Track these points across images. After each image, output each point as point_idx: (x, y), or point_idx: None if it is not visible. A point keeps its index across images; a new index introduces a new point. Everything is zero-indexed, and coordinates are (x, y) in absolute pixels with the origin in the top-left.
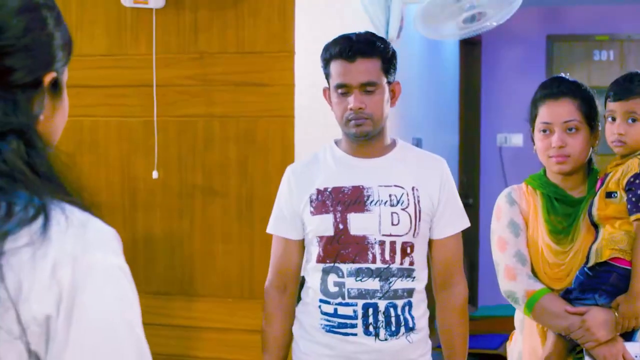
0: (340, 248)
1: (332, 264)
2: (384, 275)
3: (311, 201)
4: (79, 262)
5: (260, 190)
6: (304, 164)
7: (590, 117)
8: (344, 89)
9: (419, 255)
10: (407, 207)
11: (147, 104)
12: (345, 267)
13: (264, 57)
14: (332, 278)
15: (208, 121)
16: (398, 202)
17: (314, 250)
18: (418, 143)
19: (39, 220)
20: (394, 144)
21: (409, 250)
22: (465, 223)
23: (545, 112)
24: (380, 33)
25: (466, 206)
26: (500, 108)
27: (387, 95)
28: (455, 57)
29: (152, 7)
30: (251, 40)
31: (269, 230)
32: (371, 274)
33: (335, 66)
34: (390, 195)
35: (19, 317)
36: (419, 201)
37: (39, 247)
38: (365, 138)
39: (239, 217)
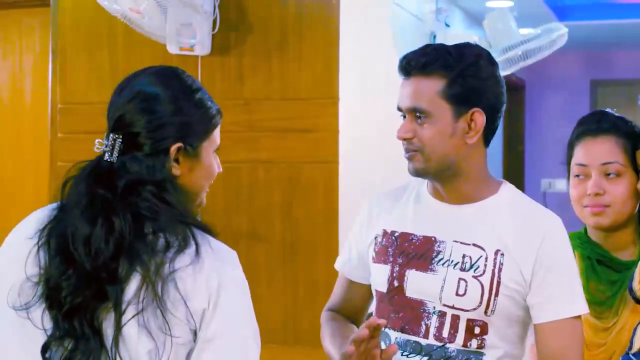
0: (391, 310)
1: (382, 329)
2: (435, 355)
3: (375, 244)
4: (221, 274)
5: (304, 236)
6: (386, 195)
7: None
8: (401, 113)
9: (500, 339)
10: (480, 275)
11: None
12: (393, 336)
13: (309, 103)
14: (382, 346)
15: (253, 167)
16: (471, 266)
17: (374, 305)
18: None
19: (192, 247)
20: (496, 188)
21: (477, 330)
22: (577, 309)
23: (581, 152)
24: None
25: None
26: (544, 153)
27: (448, 126)
28: None
29: (198, 54)
30: (296, 87)
31: (335, 264)
32: (420, 350)
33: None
34: (464, 257)
35: (188, 309)
36: (500, 270)
37: (196, 265)
38: (422, 177)
39: (283, 262)
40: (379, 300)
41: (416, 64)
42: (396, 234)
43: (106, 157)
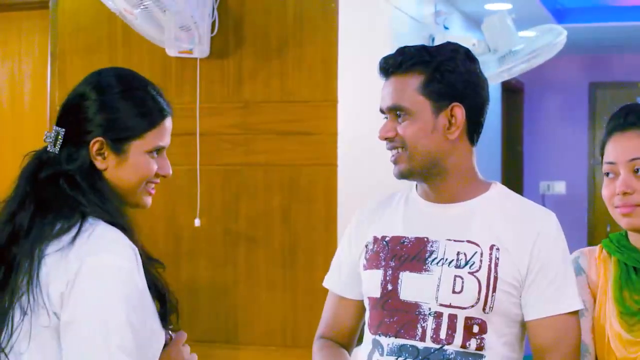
0: (385, 315)
1: (374, 336)
2: (433, 358)
3: (366, 252)
4: (84, 260)
5: (303, 239)
6: (375, 203)
7: None
8: (384, 115)
9: (499, 339)
10: (477, 271)
11: (191, 153)
12: (386, 342)
13: (308, 106)
14: (374, 356)
15: (251, 170)
16: (467, 263)
17: (367, 315)
18: None
19: (72, 233)
20: (486, 188)
21: (476, 329)
22: (570, 304)
23: (610, 149)
24: None
25: None
26: (543, 155)
27: (428, 122)
28: (497, 105)
29: (197, 57)
30: (295, 89)
31: (324, 282)
32: (416, 354)
33: None
34: (458, 254)
35: (48, 293)
36: (496, 265)
37: (65, 250)
38: (408, 178)
39: (282, 265)
40: (372, 307)
41: (394, 62)
42: (387, 239)
43: (49, 148)
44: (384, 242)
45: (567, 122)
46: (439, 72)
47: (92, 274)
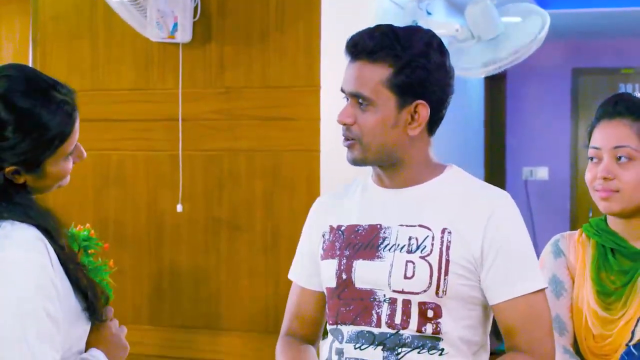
0: (342, 304)
1: (334, 326)
2: (389, 343)
3: (323, 242)
4: None
5: (285, 225)
6: (331, 194)
7: None
8: (344, 95)
9: (457, 322)
10: (428, 255)
11: (173, 138)
12: (345, 330)
13: (290, 91)
14: (335, 344)
15: (233, 155)
16: (418, 247)
17: (326, 306)
18: None
19: None
20: (440, 170)
21: (430, 314)
22: (531, 284)
23: (596, 135)
24: None
25: None
26: (526, 141)
27: (390, 117)
28: (480, 91)
29: (179, 42)
30: (277, 75)
31: (289, 274)
32: (372, 340)
33: None
34: (410, 239)
35: None
36: (448, 248)
37: None
38: (361, 166)
39: (264, 251)
40: (329, 297)
41: (363, 48)
42: (342, 228)
43: None
44: (340, 232)
45: (549, 108)
46: (410, 68)
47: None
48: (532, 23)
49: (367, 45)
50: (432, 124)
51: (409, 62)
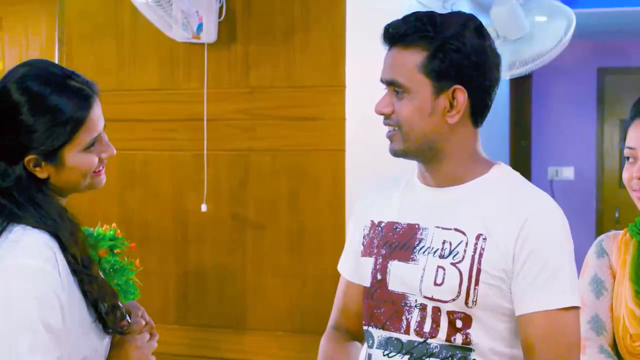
0: (374, 306)
1: (366, 327)
2: (416, 353)
3: (364, 237)
4: None
5: (310, 224)
6: (377, 187)
7: None
8: (383, 85)
9: (487, 334)
10: (459, 262)
11: (198, 138)
12: (376, 334)
13: (315, 91)
14: (366, 348)
15: (258, 155)
16: (450, 253)
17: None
18: None
19: None
20: (486, 169)
21: (459, 324)
22: (559, 300)
23: (631, 134)
24: None
25: None
26: (551, 141)
27: (426, 103)
28: (505, 91)
29: (204, 42)
30: (302, 75)
31: (338, 266)
32: (400, 348)
33: None
34: (444, 242)
35: None
36: (481, 255)
37: None
38: (403, 157)
39: (289, 250)
40: (365, 297)
41: (396, 33)
42: (382, 224)
43: None
44: (380, 228)
45: (575, 108)
46: (443, 51)
47: (1, 275)
48: (558, 23)
49: (399, 30)
50: (476, 114)
51: (443, 45)
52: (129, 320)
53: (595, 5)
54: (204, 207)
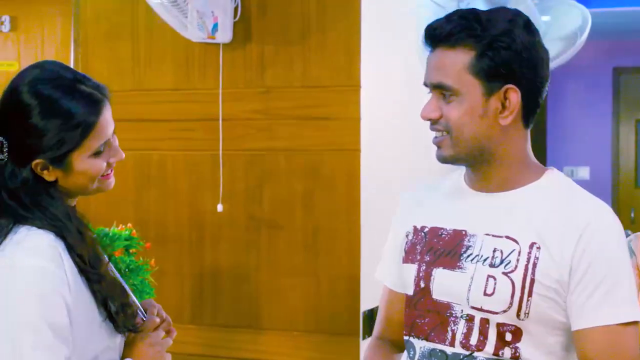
0: (417, 316)
1: (407, 337)
2: None
3: (406, 242)
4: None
5: (325, 224)
6: (420, 187)
7: None
8: (428, 90)
9: (538, 348)
10: (512, 272)
11: (213, 138)
12: (418, 345)
13: (330, 91)
14: (405, 358)
15: (273, 155)
16: (502, 262)
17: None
18: None
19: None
20: (538, 175)
21: (509, 337)
22: (619, 314)
23: None
24: None
25: None
26: (566, 141)
27: (477, 105)
28: None
29: (220, 42)
30: (317, 75)
31: (375, 274)
32: None
33: None
34: (494, 250)
35: None
36: (535, 265)
37: None
38: (452, 164)
39: (304, 250)
40: (406, 305)
41: (440, 33)
42: (426, 230)
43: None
44: (423, 233)
45: (590, 108)
46: (492, 49)
47: (3, 275)
48: (574, 23)
49: (444, 30)
50: (528, 114)
51: (491, 43)
52: (144, 318)
53: (611, 5)
54: (220, 207)
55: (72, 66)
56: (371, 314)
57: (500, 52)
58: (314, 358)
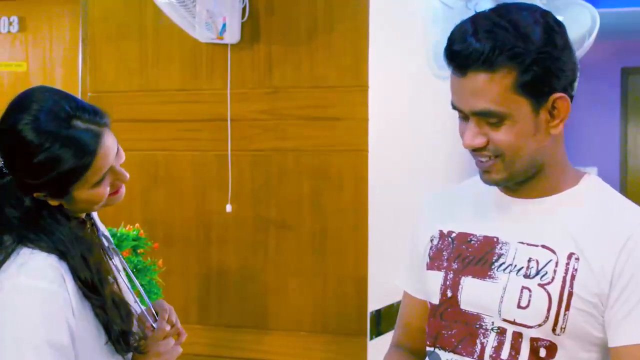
0: (443, 326)
1: (432, 348)
2: None
3: (430, 248)
4: (2, 282)
5: (333, 225)
6: (448, 190)
7: None
8: (460, 113)
9: None
10: (548, 284)
11: (221, 139)
12: (444, 357)
13: (338, 91)
14: None
15: (281, 155)
16: (537, 272)
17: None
18: None
19: (1, 258)
20: (575, 181)
21: (543, 352)
22: None
23: None
24: None
25: None
26: (575, 142)
27: (529, 124)
28: None
29: (228, 43)
30: (325, 75)
31: (395, 280)
32: None
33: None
34: (529, 260)
35: None
36: (573, 277)
37: None
38: (504, 184)
39: (312, 251)
40: (431, 315)
41: (476, 56)
42: (453, 235)
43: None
44: (450, 239)
45: (598, 108)
46: (537, 64)
47: (6, 296)
48: (582, 24)
49: (478, 52)
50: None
51: (536, 59)
52: (154, 325)
53: (619, 5)
54: (228, 208)
55: (80, 66)
56: (378, 315)
57: (545, 63)
58: (320, 359)
